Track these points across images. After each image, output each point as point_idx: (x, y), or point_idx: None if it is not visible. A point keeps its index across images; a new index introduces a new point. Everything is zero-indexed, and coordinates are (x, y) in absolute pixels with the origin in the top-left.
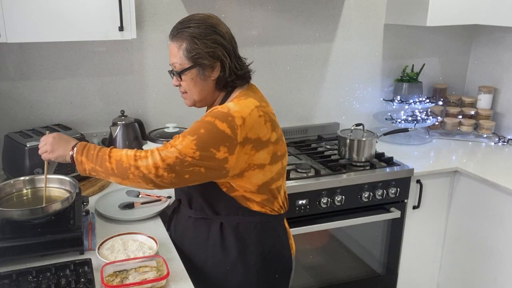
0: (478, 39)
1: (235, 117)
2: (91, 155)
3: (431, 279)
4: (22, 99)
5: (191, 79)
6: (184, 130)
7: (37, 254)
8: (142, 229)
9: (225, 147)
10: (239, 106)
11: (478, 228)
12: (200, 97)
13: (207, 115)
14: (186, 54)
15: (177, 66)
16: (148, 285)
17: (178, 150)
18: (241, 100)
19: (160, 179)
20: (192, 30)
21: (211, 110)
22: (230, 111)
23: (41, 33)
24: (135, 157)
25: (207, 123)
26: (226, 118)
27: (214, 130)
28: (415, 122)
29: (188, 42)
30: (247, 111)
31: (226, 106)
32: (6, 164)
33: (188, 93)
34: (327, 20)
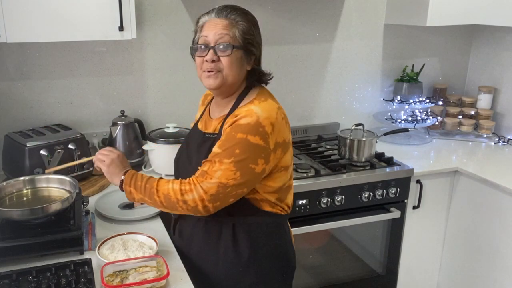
0: (478, 39)
1: (265, 125)
2: (139, 186)
3: (431, 279)
4: (22, 99)
5: (236, 58)
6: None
7: (37, 254)
8: (142, 229)
9: (262, 159)
10: (265, 110)
11: (478, 228)
12: (233, 80)
13: (236, 129)
14: (242, 34)
15: (226, 38)
16: (148, 285)
17: (218, 178)
18: (263, 102)
19: (207, 208)
20: (251, 16)
21: (238, 122)
22: (259, 120)
23: (41, 33)
24: (181, 191)
25: (240, 142)
26: (257, 130)
27: (249, 147)
28: (415, 122)
29: (246, 24)
30: (273, 116)
31: (253, 112)
32: (6, 164)
33: (225, 71)
34: (327, 20)
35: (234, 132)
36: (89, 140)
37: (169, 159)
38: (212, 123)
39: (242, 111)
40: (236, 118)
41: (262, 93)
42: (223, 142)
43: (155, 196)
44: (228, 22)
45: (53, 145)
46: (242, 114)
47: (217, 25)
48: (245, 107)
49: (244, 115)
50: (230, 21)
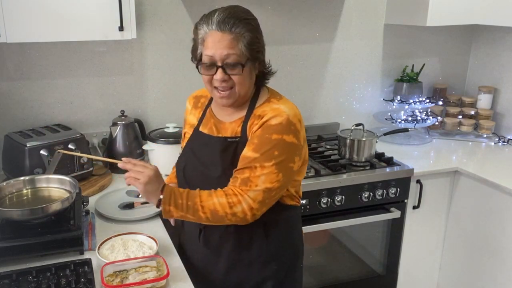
0: (478, 39)
1: (295, 123)
2: (180, 204)
3: (431, 279)
4: (22, 99)
5: (248, 72)
6: (249, 157)
7: (37, 254)
8: (142, 229)
9: (297, 156)
10: (290, 108)
11: (478, 228)
12: (246, 93)
13: (268, 130)
14: (248, 46)
15: (233, 57)
16: (148, 285)
17: (264, 184)
18: (281, 99)
19: (255, 216)
20: (253, 23)
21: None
22: (289, 118)
23: (41, 33)
24: (229, 204)
25: (277, 142)
26: (290, 129)
27: (286, 147)
28: (415, 122)
29: (250, 34)
30: (297, 112)
31: (282, 111)
32: (6, 164)
33: (238, 87)
34: (327, 20)
35: (268, 134)
36: (89, 140)
37: (169, 159)
38: (227, 127)
39: (266, 110)
40: (265, 119)
41: (273, 92)
42: (259, 146)
43: (200, 213)
44: (232, 37)
45: (53, 145)
46: (269, 114)
47: (221, 41)
48: (265, 107)
49: (274, 115)
50: (234, 35)
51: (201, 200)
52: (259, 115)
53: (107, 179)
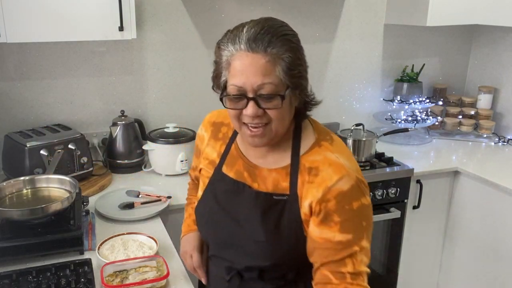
0: (478, 39)
1: (363, 179)
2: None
3: (431, 279)
4: (22, 99)
5: (288, 104)
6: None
7: (37, 254)
8: (142, 229)
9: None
10: (349, 159)
11: (478, 228)
12: (283, 129)
13: (346, 201)
14: (288, 71)
15: (269, 87)
16: (148, 285)
17: (365, 265)
18: (334, 144)
19: None
20: (294, 39)
21: (341, 190)
22: (358, 176)
23: (41, 33)
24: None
25: (360, 211)
26: (362, 189)
27: (367, 211)
28: (415, 122)
29: (291, 55)
30: (356, 161)
31: (344, 168)
32: (6, 164)
33: (275, 124)
34: (327, 20)
35: (348, 205)
36: (89, 140)
37: (169, 159)
38: (266, 176)
39: (318, 164)
40: (330, 185)
41: (318, 127)
42: (345, 223)
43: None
44: (267, 60)
45: (53, 145)
46: (329, 172)
47: (253, 65)
48: (316, 155)
49: (340, 177)
50: (270, 57)
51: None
52: (310, 168)
53: (107, 179)
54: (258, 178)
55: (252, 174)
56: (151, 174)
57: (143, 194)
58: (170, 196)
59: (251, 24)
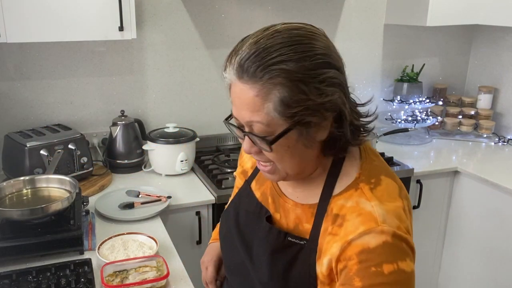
0: (478, 39)
1: (406, 237)
2: None
3: (431, 279)
4: (22, 99)
5: (287, 147)
6: None
7: (37, 254)
8: (142, 229)
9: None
10: (392, 211)
11: (478, 228)
12: (297, 170)
13: (372, 262)
14: (283, 110)
15: (258, 127)
16: (148, 285)
17: None
18: (375, 189)
19: None
20: (292, 65)
21: (367, 248)
22: (396, 232)
23: (41, 33)
24: None
25: (395, 280)
26: (403, 249)
27: (408, 282)
28: (415, 122)
29: (287, 89)
30: (404, 216)
31: (378, 223)
32: (6, 164)
33: (277, 164)
34: (327, 20)
35: (375, 267)
36: (89, 140)
37: (169, 159)
38: (290, 211)
39: (346, 212)
40: (352, 239)
41: (368, 163)
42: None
43: None
44: (256, 93)
45: (53, 145)
46: (355, 223)
47: (241, 99)
48: (348, 200)
49: (366, 230)
50: (259, 89)
51: None
52: (336, 215)
53: (107, 179)
54: (281, 209)
55: (277, 202)
56: (151, 174)
57: (143, 194)
58: (170, 196)
59: (251, 41)
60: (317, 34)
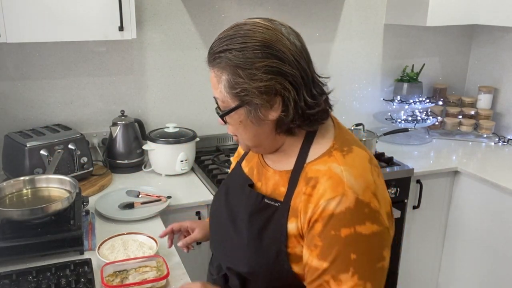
0: (478, 39)
1: (369, 202)
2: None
3: (431, 279)
4: (22, 99)
5: (239, 121)
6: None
7: (37, 254)
8: (142, 229)
9: (386, 247)
10: (359, 176)
11: (478, 228)
12: (254, 143)
13: (333, 225)
14: (229, 90)
15: (219, 102)
16: (148, 285)
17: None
18: (347, 155)
19: None
20: (234, 55)
21: (331, 212)
22: (359, 197)
23: (41, 33)
24: None
25: (351, 241)
26: (363, 213)
27: (365, 243)
28: (415, 122)
29: (229, 73)
30: (371, 180)
31: (345, 187)
32: (6, 164)
33: (238, 136)
34: (327, 20)
35: (335, 230)
36: (89, 140)
37: (169, 159)
38: (270, 177)
39: (319, 174)
40: (323, 205)
41: (340, 135)
42: (326, 250)
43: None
44: (214, 75)
45: (53, 145)
46: (325, 187)
47: (211, 81)
48: (321, 165)
49: (332, 195)
50: (216, 71)
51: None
52: (310, 178)
53: (107, 179)
54: (263, 178)
55: (260, 172)
56: (151, 174)
57: (143, 194)
58: (170, 196)
59: (220, 33)
60: (269, 29)
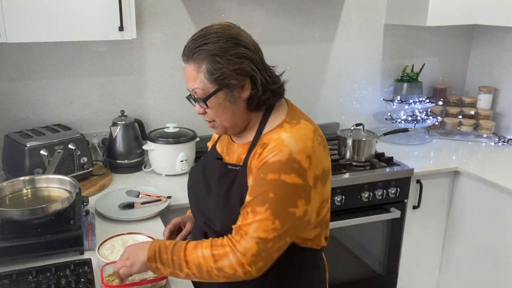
0: (478, 39)
1: (301, 160)
2: (166, 260)
3: (431, 279)
4: (22, 99)
5: (218, 104)
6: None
7: (37, 254)
8: (142, 229)
9: (302, 199)
10: (299, 140)
11: (478, 228)
12: (231, 123)
13: (265, 170)
14: (209, 76)
15: (198, 92)
16: (148, 285)
17: (256, 232)
18: (295, 126)
19: (249, 274)
20: (211, 46)
21: (267, 161)
22: (292, 155)
23: (41, 33)
24: (214, 257)
25: (273, 183)
26: (292, 167)
27: (284, 188)
28: (415, 122)
29: (209, 62)
30: (309, 145)
31: (284, 146)
32: (6, 164)
33: (217, 120)
34: (327, 20)
35: (264, 174)
36: (89, 140)
37: (169, 159)
38: (235, 150)
39: (270, 140)
40: (265, 156)
41: (292, 112)
42: (253, 188)
43: (186, 269)
44: (193, 68)
45: (53, 145)
46: (270, 147)
47: (188, 75)
48: (274, 134)
49: (273, 150)
50: (194, 65)
51: (185, 254)
52: (263, 144)
53: (107, 179)
54: (230, 152)
55: (228, 148)
56: (151, 174)
57: (143, 194)
58: (170, 196)
59: (187, 43)
60: (231, 27)
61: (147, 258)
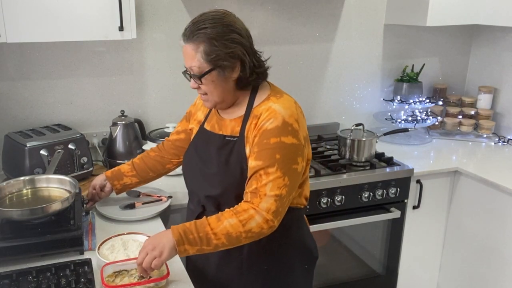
0: (478, 39)
1: (292, 123)
2: (193, 239)
3: (431, 279)
4: (22, 99)
5: (211, 81)
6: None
7: (37, 254)
8: (142, 229)
9: (300, 157)
10: (286, 108)
11: (478, 228)
12: (221, 98)
13: (266, 136)
14: (205, 57)
15: (195, 69)
16: (148, 285)
17: (272, 191)
18: (280, 98)
19: (273, 227)
20: (210, 31)
21: (265, 128)
22: (285, 119)
23: (41, 33)
24: (241, 222)
25: (276, 146)
26: (287, 130)
27: (286, 148)
28: (415, 122)
29: (206, 44)
30: (295, 111)
31: (277, 113)
32: (6, 164)
33: (209, 95)
34: (327, 20)
35: (266, 139)
36: (89, 140)
37: None
38: (228, 124)
39: (262, 110)
40: (261, 125)
41: (275, 89)
42: (260, 153)
43: (214, 240)
44: (192, 48)
45: (53, 145)
46: (264, 116)
47: (186, 54)
48: (263, 105)
49: (268, 118)
50: (193, 45)
51: (212, 228)
52: (256, 115)
53: None
54: (223, 127)
55: (219, 124)
56: None
57: (144, 194)
58: (171, 196)
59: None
60: (227, 15)
61: (176, 242)
